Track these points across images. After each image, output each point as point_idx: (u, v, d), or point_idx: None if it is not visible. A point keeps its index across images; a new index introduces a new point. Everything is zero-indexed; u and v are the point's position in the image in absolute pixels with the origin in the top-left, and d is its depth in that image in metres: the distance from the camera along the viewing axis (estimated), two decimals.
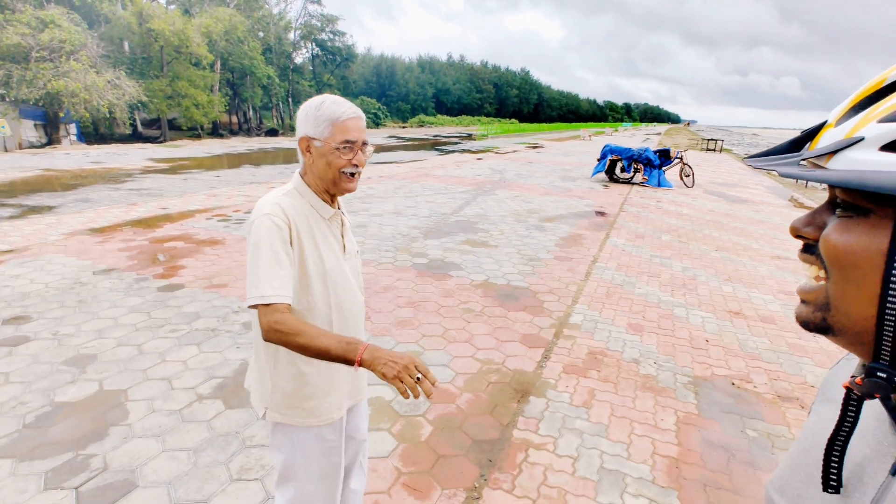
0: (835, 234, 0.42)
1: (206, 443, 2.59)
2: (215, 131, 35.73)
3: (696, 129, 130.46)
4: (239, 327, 3.95)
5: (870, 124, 0.39)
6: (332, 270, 1.42)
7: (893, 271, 0.38)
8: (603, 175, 14.59)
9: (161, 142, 28.74)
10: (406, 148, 27.27)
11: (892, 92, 0.40)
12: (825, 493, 0.48)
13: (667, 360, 3.68)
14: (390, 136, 39.82)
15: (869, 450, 0.47)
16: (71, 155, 19.37)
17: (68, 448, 2.52)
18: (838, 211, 0.43)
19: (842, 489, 0.47)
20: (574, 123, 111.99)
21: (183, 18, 29.46)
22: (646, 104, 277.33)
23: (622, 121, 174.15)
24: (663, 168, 13.63)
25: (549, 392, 3.21)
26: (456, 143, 32.61)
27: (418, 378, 1.14)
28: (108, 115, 24.89)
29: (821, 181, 0.40)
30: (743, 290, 5.30)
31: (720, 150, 30.70)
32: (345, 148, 1.33)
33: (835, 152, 0.41)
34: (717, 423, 2.95)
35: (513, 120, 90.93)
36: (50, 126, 24.37)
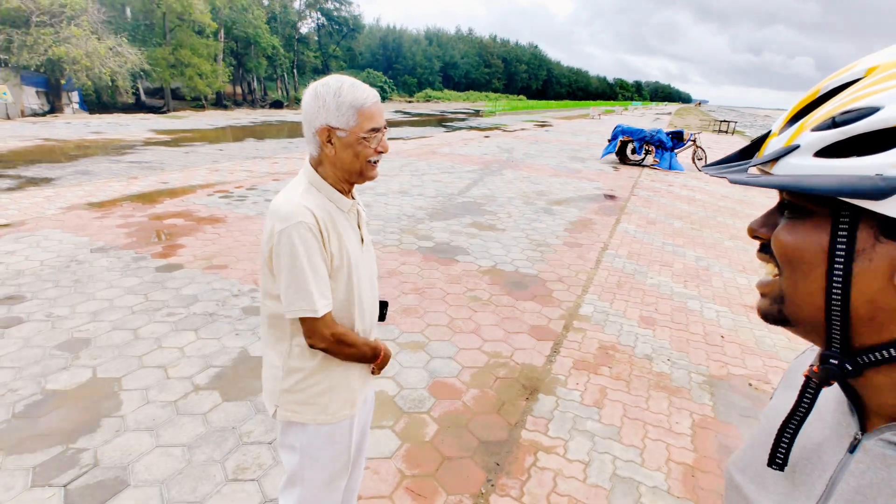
0: (783, 233, 0.46)
1: (202, 438, 2.48)
2: (219, 102, 35.23)
3: (707, 109, 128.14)
4: (238, 312, 3.82)
5: (804, 132, 0.43)
6: (356, 264, 1.36)
7: (835, 266, 0.42)
8: (613, 156, 14.27)
9: (164, 112, 28.36)
10: (412, 124, 26.83)
11: (824, 102, 0.44)
12: (789, 473, 0.51)
13: (681, 357, 3.55)
14: (396, 111, 39.22)
15: (829, 431, 0.50)
16: (72, 124, 19.12)
17: (58, 441, 2.41)
18: (786, 212, 0.47)
19: (786, 468, 0.51)
20: (583, 101, 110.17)
21: None
22: (656, 82, 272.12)
23: (632, 99, 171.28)
24: (675, 150, 13.30)
25: (558, 389, 3.08)
26: (463, 120, 32.08)
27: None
28: (109, 83, 24.48)
29: (764, 185, 0.43)
30: None
31: (732, 133, 30.04)
32: (372, 136, 1.25)
33: (777, 159, 0.44)
34: (735, 427, 2.83)
35: (521, 96, 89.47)
36: (52, 93, 24.01)
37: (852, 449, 0.47)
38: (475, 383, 3.10)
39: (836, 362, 0.44)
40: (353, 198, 1.38)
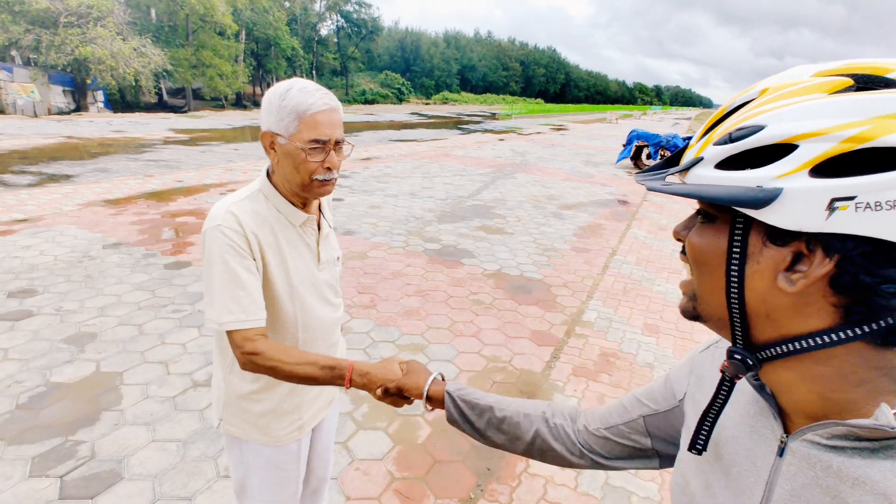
0: (693, 236, 0.51)
1: (197, 434, 2.52)
2: (239, 102, 35.80)
3: None
4: None
5: (709, 147, 0.47)
6: (299, 285, 1.24)
7: (731, 268, 0.46)
8: (628, 161, 14.13)
9: (185, 111, 28.88)
10: (427, 126, 26.91)
11: (729, 117, 0.48)
12: (727, 482, 0.55)
13: None
14: (412, 113, 39.39)
15: (757, 436, 0.53)
16: (94, 123, 19.58)
17: (58, 433, 2.47)
18: (699, 217, 0.51)
19: (704, 452, 0.56)
20: (601, 105, 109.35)
21: None
22: (676, 87, 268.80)
23: (651, 104, 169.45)
24: None
25: (555, 395, 3.06)
26: (479, 123, 32.08)
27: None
28: (133, 83, 25.02)
29: (671, 193, 0.47)
30: None
31: None
32: (313, 149, 1.11)
33: (688, 168, 0.48)
34: None
35: (538, 100, 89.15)
36: (78, 92, 24.63)
37: (781, 452, 0.49)
38: (472, 387, 3.08)
39: (739, 357, 0.48)
40: (312, 212, 1.26)
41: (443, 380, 0.98)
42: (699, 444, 0.56)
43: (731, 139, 0.45)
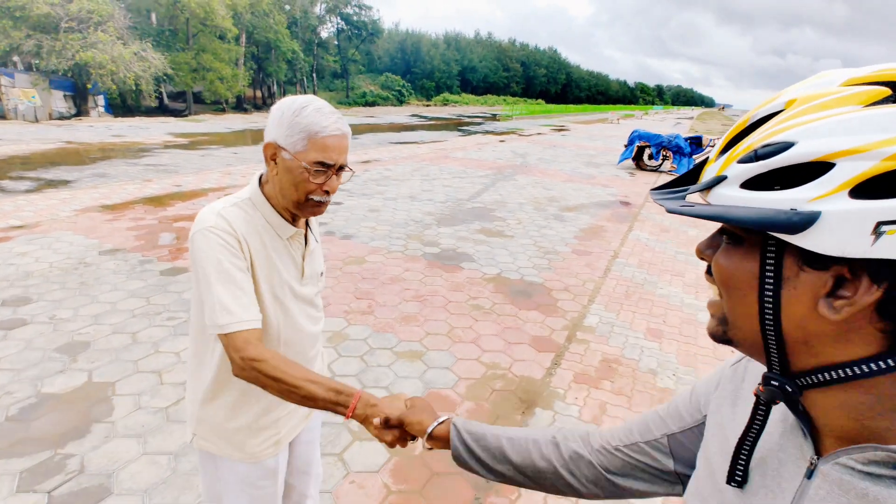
0: (720, 257, 0.47)
1: (188, 447, 2.46)
2: (239, 105, 35.81)
3: (731, 113, 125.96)
4: None
5: (732, 164, 0.44)
6: (283, 297, 1.21)
7: (765, 293, 0.42)
8: (630, 162, 14.06)
9: (185, 115, 28.90)
10: (428, 127, 26.87)
11: (753, 130, 0.44)
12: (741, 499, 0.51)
13: (687, 373, 3.42)
14: (413, 115, 39.39)
15: (784, 455, 0.49)
16: (94, 128, 19.58)
17: (48, 446, 2.42)
18: (724, 237, 0.47)
19: (745, 485, 0.51)
20: (603, 105, 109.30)
21: None
22: (678, 86, 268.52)
23: (653, 103, 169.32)
24: (694, 156, 13.03)
25: (556, 404, 2.99)
26: (479, 124, 32.03)
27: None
28: (134, 88, 25.06)
29: (695, 216, 0.43)
30: None
31: None
32: (317, 171, 1.10)
33: (710, 188, 0.45)
34: None
35: (539, 100, 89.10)
36: (79, 97, 24.67)
37: (809, 474, 0.46)
38: (471, 395, 3.03)
39: (776, 384, 0.45)
40: (300, 226, 1.25)
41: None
42: (738, 475, 0.52)
43: (756, 156, 0.42)
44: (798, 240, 0.38)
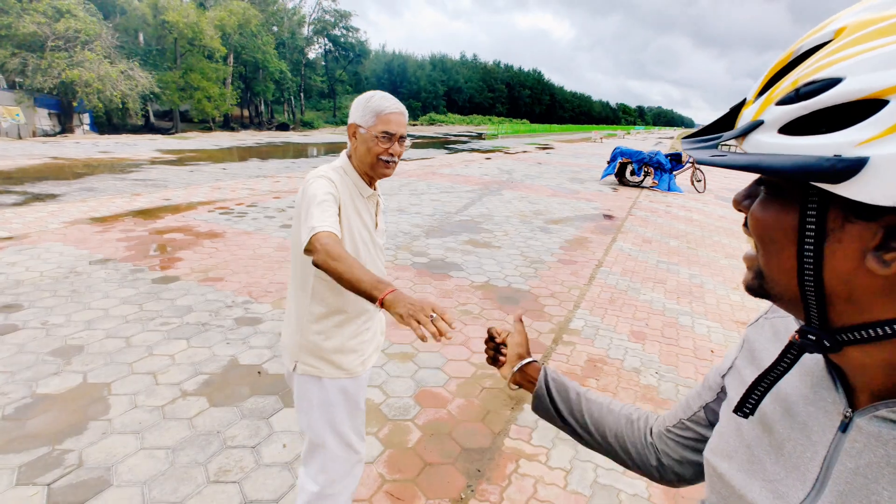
0: (756, 209, 0.44)
1: (186, 441, 2.51)
2: (226, 124, 35.89)
3: None
4: (231, 322, 3.87)
5: (770, 107, 0.39)
6: (359, 241, 1.57)
7: (805, 247, 0.39)
8: (613, 178, 14.40)
9: (172, 133, 28.88)
10: (415, 146, 27.18)
11: (795, 67, 0.39)
12: (778, 457, 0.49)
13: (669, 371, 3.55)
14: None
15: (813, 408, 0.48)
16: (80, 144, 19.48)
17: (45, 442, 2.45)
18: (762, 187, 0.44)
19: (751, 416, 0.50)
20: (586, 125, 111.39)
21: (197, 11, 29.60)
22: (659, 107, 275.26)
23: (635, 124, 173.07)
24: (674, 172, 13.42)
25: None
26: (465, 143, 32.49)
27: (433, 317, 1.07)
28: (120, 106, 25.06)
29: (727, 166, 0.40)
30: (752, 300, 5.15)
31: None
32: (383, 137, 1.50)
33: (745, 134, 0.41)
34: None
35: (524, 120, 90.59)
36: (64, 115, 24.58)
37: (844, 428, 0.44)
38: (461, 393, 3.12)
39: (813, 338, 0.43)
40: (375, 188, 1.64)
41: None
42: (747, 406, 0.50)
43: (798, 96, 0.37)
44: (843, 189, 0.34)
